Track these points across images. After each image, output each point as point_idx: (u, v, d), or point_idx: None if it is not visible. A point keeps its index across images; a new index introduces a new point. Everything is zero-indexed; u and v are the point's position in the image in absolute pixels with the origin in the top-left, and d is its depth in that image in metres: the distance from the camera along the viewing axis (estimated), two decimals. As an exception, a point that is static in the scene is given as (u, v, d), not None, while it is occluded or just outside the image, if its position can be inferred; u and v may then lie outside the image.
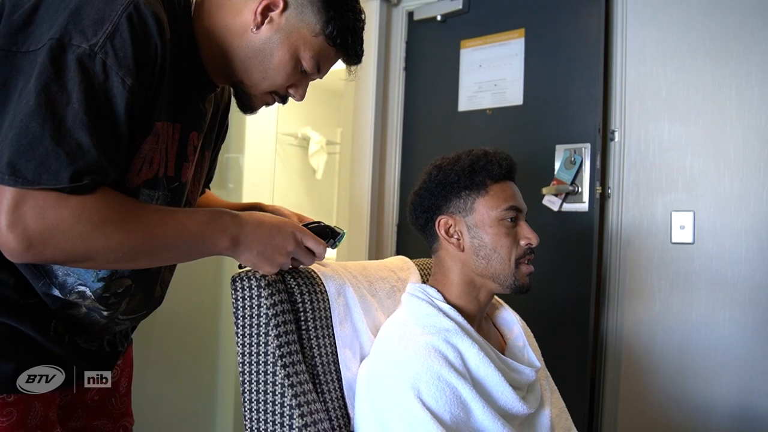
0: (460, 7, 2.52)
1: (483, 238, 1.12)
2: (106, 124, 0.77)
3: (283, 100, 1.05)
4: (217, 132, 1.18)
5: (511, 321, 1.30)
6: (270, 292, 1.05)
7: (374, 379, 1.05)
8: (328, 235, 1.09)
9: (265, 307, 1.03)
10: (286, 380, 1.02)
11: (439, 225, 1.16)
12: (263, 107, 1.06)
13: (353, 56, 1.02)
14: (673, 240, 1.99)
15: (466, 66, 2.53)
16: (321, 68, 1.01)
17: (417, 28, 2.71)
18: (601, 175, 2.11)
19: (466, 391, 0.99)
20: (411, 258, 1.42)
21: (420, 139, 2.66)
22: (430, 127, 2.62)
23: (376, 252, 2.68)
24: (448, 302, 1.13)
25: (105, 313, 0.97)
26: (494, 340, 1.21)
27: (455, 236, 1.14)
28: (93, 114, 0.75)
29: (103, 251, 0.78)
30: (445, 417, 0.96)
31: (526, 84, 2.35)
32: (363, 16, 1.02)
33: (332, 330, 1.14)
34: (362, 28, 1.02)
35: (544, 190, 2.19)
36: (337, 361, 1.13)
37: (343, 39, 0.97)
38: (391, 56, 2.76)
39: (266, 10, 0.93)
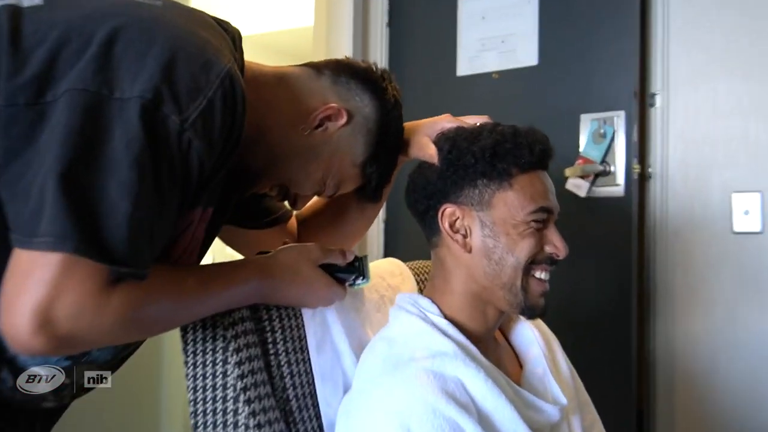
0: (456, -57, 2.55)
1: (499, 239, 1.11)
2: (170, 209, 0.88)
3: (285, 198, 1.21)
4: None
5: (528, 340, 1.29)
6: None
7: (354, 417, 1.05)
8: (351, 271, 1.20)
9: (221, 327, 1.05)
10: (251, 420, 1.03)
11: (442, 215, 1.14)
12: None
13: (375, 198, 1.25)
14: (736, 229, 2.02)
15: (466, 18, 2.55)
16: (336, 192, 1.20)
17: (402, -29, 2.74)
18: (639, 150, 2.14)
19: (470, 427, 0.98)
20: (403, 261, 1.44)
21: (409, 113, 2.64)
22: (421, 98, 2.62)
23: (358, 253, 2.69)
24: (447, 317, 1.13)
25: (51, 404, 1.05)
26: (507, 365, 1.22)
27: (461, 232, 1.13)
28: (166, 197, 0.85)
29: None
30: None
31: (541, 39, 2.37)
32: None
33: (308, 355, 1.16)
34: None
35: (568, 172, 2.21)
36: (315, 394, 1.15)
37: (377, 182, 1.19)
38: (370, 8, 2.78)
39: (326, 119, 1.09)
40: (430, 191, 1.16)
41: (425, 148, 1.20)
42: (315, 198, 1.33)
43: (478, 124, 1.20)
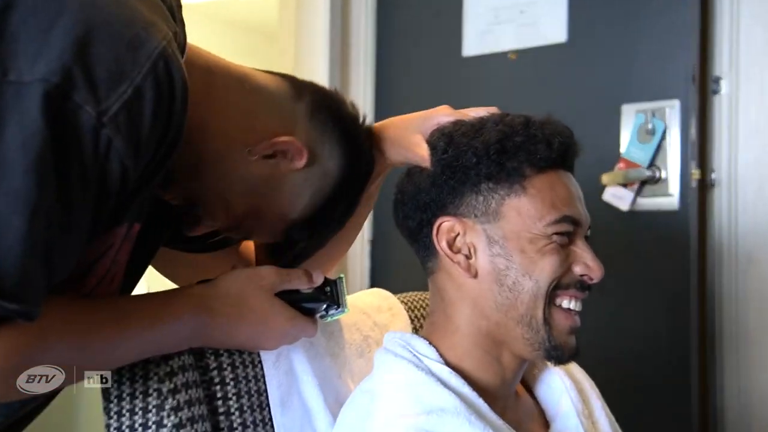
0: None
1: (512, 258, 1.10)
2: (78, 229, 0.85)
3: (184, 215, 1.16)
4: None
5: (557, 390, 1.27)
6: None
7: None
8: (321, 299, 1.18)
9: (155, 379, 1.04)
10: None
11: (437, 231, 1.13)
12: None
13: (284, 265, 1.21)
14: (826, 252, 2.03)
15: (474, -18, 2.57)
16: (244, 238, 1.26)
17: None
18: (699, 151, 2.14)
19: None
20: (393, 293, 1.45)
21: (403, 103, 2.66)
22: (416, 84, 2.64)
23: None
24: (449, 364, 1.12)
25: None
26: (528, 425, 1.20)
27: (463, 251, 1.12)
28: (74, 212, 0.82)
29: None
30: None
31: (571, 10, 2.38)
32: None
33: (269, 413, 1.15)
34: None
35: (606, 179, 2.23)
36: (279, 465, 1.15)
37: (297, 254, 1.23)
38: (351, -30, 2.82)
39: (281, 153, 1.08)
40: (422, 202, 1.16)
41: (415, 148, 1.19)
42: None
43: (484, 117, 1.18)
